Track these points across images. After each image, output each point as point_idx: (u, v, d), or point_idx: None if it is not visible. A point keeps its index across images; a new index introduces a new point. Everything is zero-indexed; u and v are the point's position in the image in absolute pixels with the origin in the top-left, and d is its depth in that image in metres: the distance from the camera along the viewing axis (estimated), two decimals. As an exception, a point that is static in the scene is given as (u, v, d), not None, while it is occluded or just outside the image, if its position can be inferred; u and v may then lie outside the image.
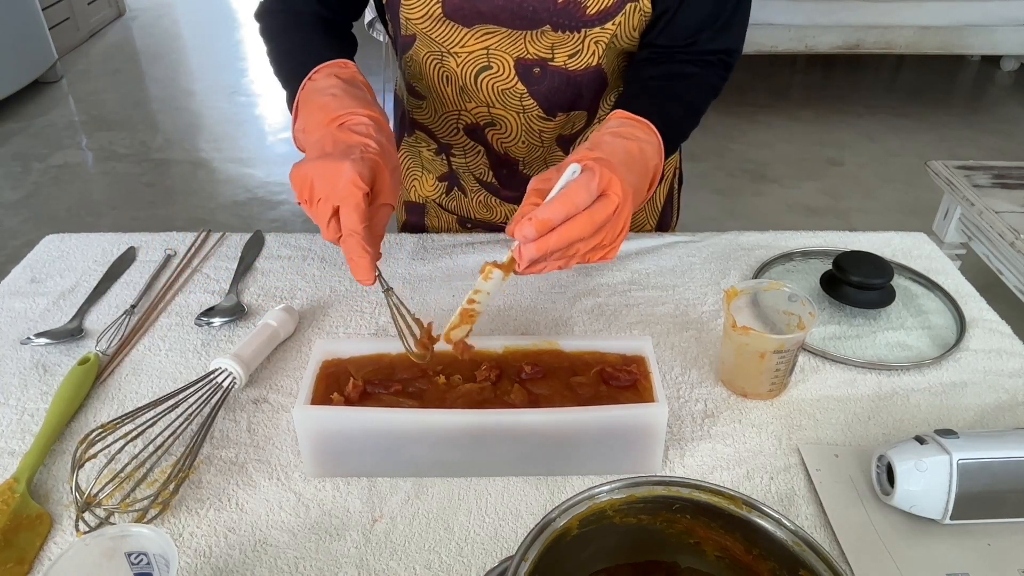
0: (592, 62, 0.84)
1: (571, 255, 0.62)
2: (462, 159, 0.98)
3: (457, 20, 0.81)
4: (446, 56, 0.85)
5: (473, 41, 0.83)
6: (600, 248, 0.63)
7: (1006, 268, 1.73)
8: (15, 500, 0.61)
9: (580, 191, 0.59)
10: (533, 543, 0.43)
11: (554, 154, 0.95)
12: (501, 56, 0.83)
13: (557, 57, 0.83)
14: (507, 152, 0.94)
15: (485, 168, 0.97)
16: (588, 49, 0.82)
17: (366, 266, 0.63)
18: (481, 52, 0.83)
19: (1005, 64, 4.16)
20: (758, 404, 0.73)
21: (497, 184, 0.99)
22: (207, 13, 5.28)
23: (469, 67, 0.85)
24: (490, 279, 0.62)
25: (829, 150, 3.28)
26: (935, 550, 0.59)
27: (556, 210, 0.59)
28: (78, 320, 0.83)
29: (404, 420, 0.63)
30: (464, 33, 0.82)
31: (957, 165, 1.93)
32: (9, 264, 0.94)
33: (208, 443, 0.68)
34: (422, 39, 0.84)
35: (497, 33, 0.82)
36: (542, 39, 0.82)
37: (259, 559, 0.58)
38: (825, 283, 0.87)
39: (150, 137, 3.38)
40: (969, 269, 1.16)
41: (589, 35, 0.81)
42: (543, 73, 0.84)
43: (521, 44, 0.82)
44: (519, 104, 0.87)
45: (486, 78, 0.85)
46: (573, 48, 0.82)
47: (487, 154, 0.96)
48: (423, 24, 0.82)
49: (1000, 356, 0.79)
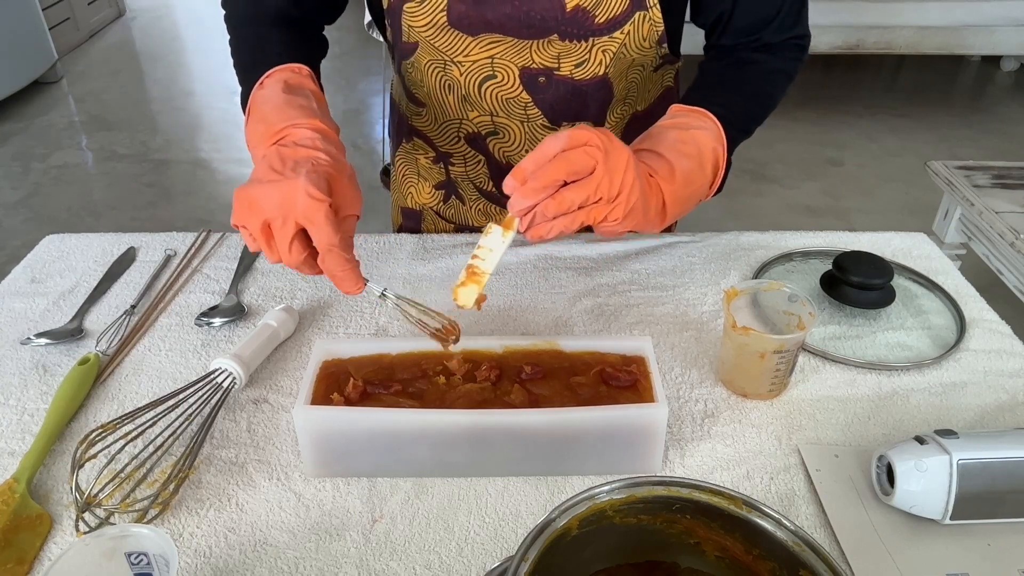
0: (599, 71, 0.83)
1: (566, 209, 0.60)
2: (462, 168, 0.97)
3: (462, 29, 0.80)
4: (449, 65, 0.84)
5: (478, 50, 0.82)
6: (603, 205, 0.61)
7: (1006, 268, 1.73)
8: (15, 500, 0.61)
9: (548, 142, 0.59)
10: (533, 543, 0.43)
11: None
12: (506, 65, 0.83)
13: (563, 66, 0.82)
14: (508, 161, 0.93)
15: (485, 178, 0.97)
16: (595, 58, 0.82)
17: (353, 276, 0.62)
18: (486, 61, 0.83)
19: (1005, 64, 4.16)
20: (758, 404, 0.73)
21: (497, 193, 0.98)
22: (207, 14, 5.27)
23: (473, 76, 0.84)
24: (489, 234, 0.63)
25: (829, 150, 3.28)
26: (935, 550, 0.59)
27: (529, 159, 0.59)
28: (78, 320, 0.83)
29: (404, 420, 0.63)
30: (469, 42, 0.81)
31: (957, 165, 1.93)
32: (9, 264, 0.94)
33: (208, 443, 0.68)
34: (424, 47, 0.83)
35: (503, 42, 0.81)
36: (548, 48, 0.81)
37: (259, 559, 0.58)
38: (825, 283, 0.87)
39: (150, 137, 3.38)
40: (969, 269, 1.16)
41: (597, 44, 0.81)
42: (548, 82, 0.84)
43: (527, 53, 0.82)
44: (523, 113, 0.87)
45: (490, 87, 0.85)
46: (580, 57, 0.82)
47: (488, 163, 0.95)
48: (426, 32, 0.81)
49: (1000, 356, 0.79)
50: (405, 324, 0.83)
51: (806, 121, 3.54)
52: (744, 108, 0.78)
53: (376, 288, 0.65)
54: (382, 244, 0.98)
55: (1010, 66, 4.15)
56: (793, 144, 3.33)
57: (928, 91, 3.97)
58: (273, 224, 0.60)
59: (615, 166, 0.60)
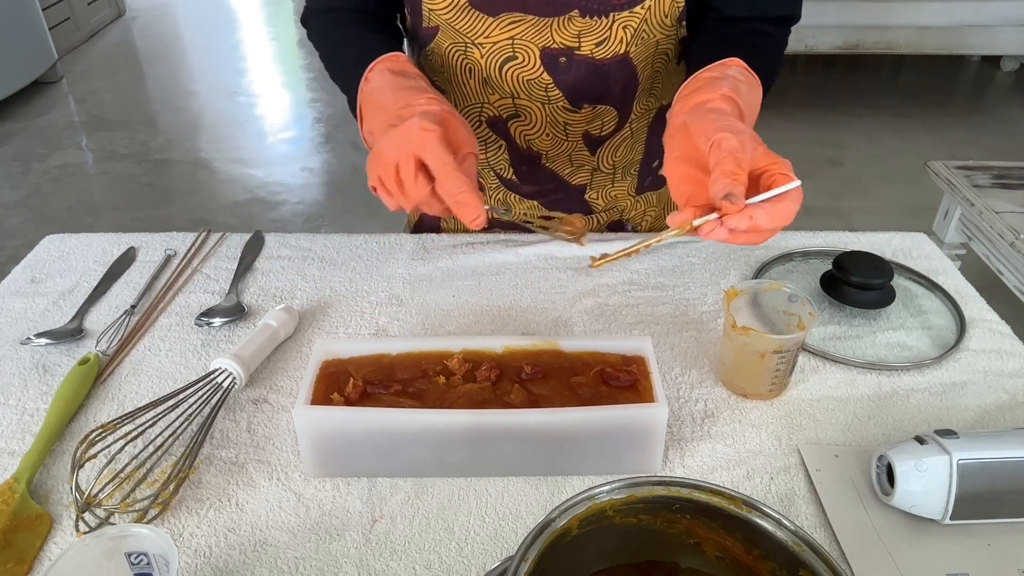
0: (619, 50, 0.83)
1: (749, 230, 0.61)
2: (483, 154, 0.97)
3: (482, 9, 0.81)
4: (470, 47, 0.84)
5: (498, 31, 0.82)
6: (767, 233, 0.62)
7: (1006, 268, 1.73)
8: (15, 500, 0.61)
9: (790, 207, 0.59)
10: (533, 543, 0.43)
11: (579, 151, 0.94)
12: (526, 46, 0.83)
13: (584, 46, 0.83)
14: (530, 146, 0.93)
15: (506, 164, 0.97)
16: (616, 36, 0.82)
17: (474, 200, 0.64)
18: (506, 42, 0.83)
19: (1005, 64, 4.16)
20: (758, 404, 0.73)
21: (517, 181, 0.98)
22: (207, 13, 5.28)
23: (494, 58, 0.84)
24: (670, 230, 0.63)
25: (829, 150, 3.28)
26: (935, 550, 0.59)
27: (765, 220, 0.59)
28: (78, 320, 0.83)
29: (404, 420, 0.63)
30: (489, 23, 0.82)
31: (957, 165, 1.93)
32: (9, 264, 0.94)
33: (208, 443, 0.68)
34: (445, 30, 0.84)
35: (523, 22, 0.81)
36: (569, 26, 0.81)
37: (259, 559, 0.58)
38: (825, 283, 0.87)
39: (150, 137, 3.39)
40: (969, 269, 1.16)
41: (617, 20, 0.81)
42: (569, 63, 0.84)
43: (547, 33, 0.82)
44: (544, 95, 0.87)
45: (511, 68, 0.85)
46: (600, 35, 0.82)
47: (509, 149, 0.95)
48: (447, 15, 0.82)
49: (1000, 356, 0.79)
50: (405, 324, 0.83)
51: (806, 121, 3.55)
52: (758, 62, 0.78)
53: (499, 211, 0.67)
54: (382, 244, 0.98)
55: (1010, 66, 4.15)
56: (793, 144, 3.33)
57: (928, 91, 3.97)
58: (399, 166, 0.64)
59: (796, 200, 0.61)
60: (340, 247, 0.97)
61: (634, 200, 1.04)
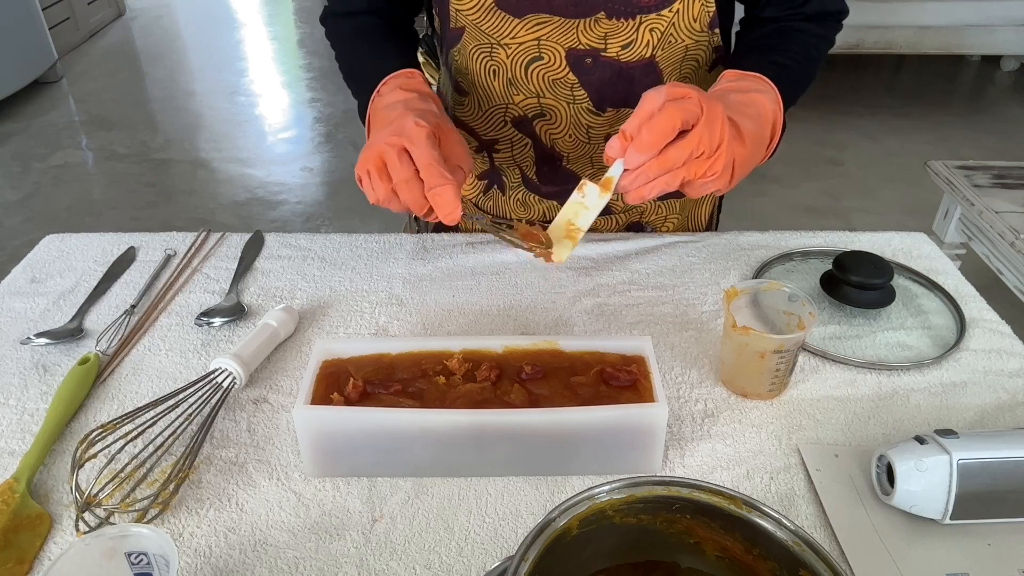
0: (645, 53, 0.83)
1: (671, 167, 0.62)
2: (508, 152, 0.97)
3: (508, 10, 0.81)
4: (496, 48, 0.84)
5: (524, 32, 0.82)
6: (704, 159, 0.62)
7: (1006, 268, 1.73)
8: (15, 500, 0.61)
9: (647, 100, 0.60)
10: (533, 543, 0.43)
11: (601, 153, 0.94)
12: (552, 47, 0.83)
13: (610, 47, 0.83)
14: (554, 145, 0.93)
15: (530, 162, 0.97)
16: (642, 39, 0.82)
17: (451, 196, 0.65)
18: (532, 43, 0.83)
19: (1005, 64, 4.16)
20: (758, 404, 0.73)
21: (538, 181, 0.98)
22: (207, 13, 5.28)
23: (519, 58, 0.84)
24: (586, 193, 0.65)
25: (829, 150, 3.28)
26: (935, 550, 0.59)
27: (632, 121, 0.60)
28: (78, 320, 0.83)
29: (404, 420, 0.63)
30: (515, 24, 0.82)
31: (957, 165, 1.93)
32: (9, 264, 0.94)
33: (208, 443, 0.68)
34: (471, 31, 0.84)
35: (549, 23, 0.81)
36: (595, 28, 0.81)
37: (259, 559, 0.58)
38: (825, 283, 0.87)
39: (150, 137, 3.39)
40: (969, 269, 1.16)
41: (644, 22, 0.80)
42: (595, 64, 0.84)
43: (573, 34, 0.82)
44: (570, 94, 0.87)
45: (536, 69, 0.85)
46: (627, 38, 0.82)
47: (534, 147, 0.95)
48: (473, 15, 0.82)
49: (1000, 356, 0.79)
50: (405, 324, 0.83)
51: (806, 121, 3.54)
52: (794, 72, 0.79)
53: (474, 217, 0.68)
54: (382, 244, 0.98)
55: (1010, 66, 4.15)
56: (793, 144, 3.32)
57: (928, 91, 3.97)
58: (385, 154, 0.66)
59: (713, 117, 0.62)
60: (340, 247, 0.97)
61: (655, 204, 1.03)
